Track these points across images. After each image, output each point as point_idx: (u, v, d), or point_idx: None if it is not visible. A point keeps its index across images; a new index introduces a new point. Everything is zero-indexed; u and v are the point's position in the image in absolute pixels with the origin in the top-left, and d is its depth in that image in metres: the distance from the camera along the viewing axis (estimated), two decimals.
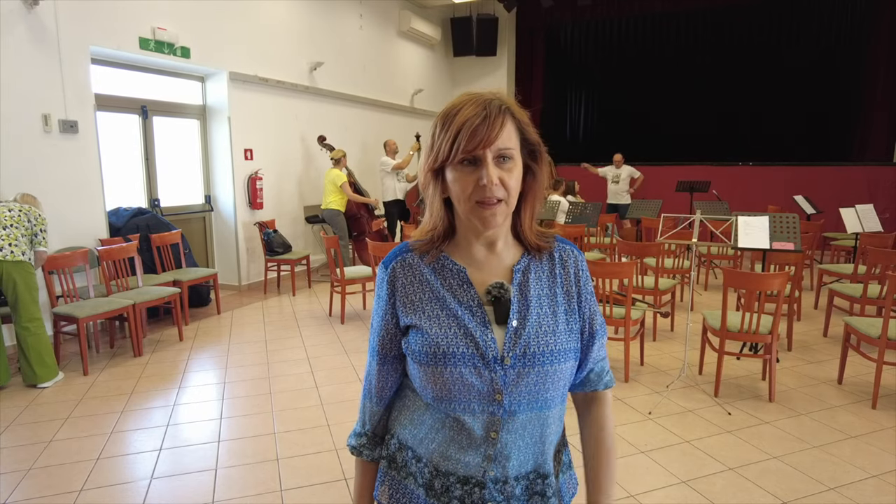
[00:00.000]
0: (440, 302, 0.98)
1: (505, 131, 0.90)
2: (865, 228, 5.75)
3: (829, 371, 4.01)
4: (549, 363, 0.95)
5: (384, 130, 8.99)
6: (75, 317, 3.95)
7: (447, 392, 0.94)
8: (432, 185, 0.97)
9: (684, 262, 5.78)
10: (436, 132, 0.94)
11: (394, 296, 1.01)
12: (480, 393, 0.93)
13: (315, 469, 2.76)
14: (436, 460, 0.97)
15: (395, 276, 1.02)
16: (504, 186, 0.91)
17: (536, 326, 0.96)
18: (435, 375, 0.95)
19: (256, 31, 6.53)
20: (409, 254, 1.03)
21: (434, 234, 1.01)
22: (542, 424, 0.97)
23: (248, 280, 6.72)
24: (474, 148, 0.89)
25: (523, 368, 0.94)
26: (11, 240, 3.70)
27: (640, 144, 10.23)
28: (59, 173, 4.67)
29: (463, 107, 0.91)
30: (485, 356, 0.93)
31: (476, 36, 10.56)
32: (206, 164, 6.57)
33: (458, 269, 1.00)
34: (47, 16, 4.50)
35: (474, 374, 0.93)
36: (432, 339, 0.95)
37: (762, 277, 3.41)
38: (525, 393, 0.94)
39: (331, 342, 4.74)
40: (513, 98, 0.96)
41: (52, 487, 2.61)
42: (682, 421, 3.26)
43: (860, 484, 2.62)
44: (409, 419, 1.03)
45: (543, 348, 0.95)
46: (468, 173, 0.91)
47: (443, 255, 1.01)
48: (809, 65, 9.38)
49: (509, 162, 0.91)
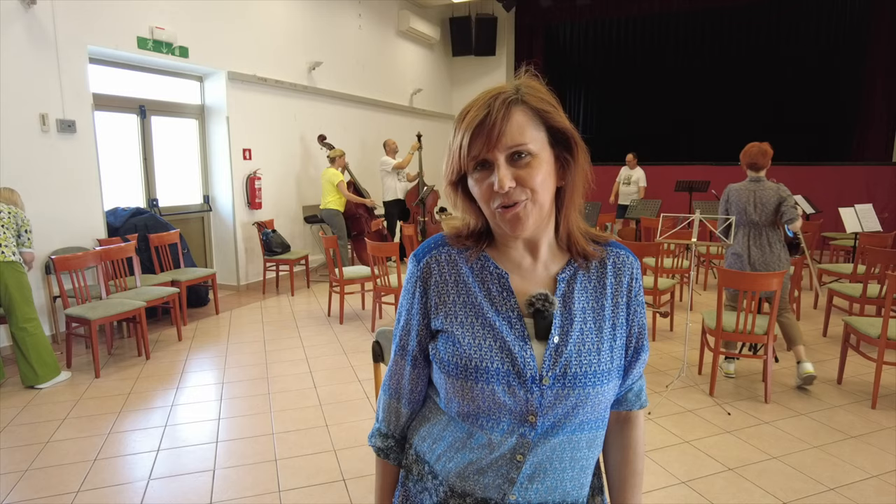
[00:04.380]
0: (476, 308, 0.89)
1: (512, 127, 0.81)
2: (865, 228, 5.75)
3: (828, 371, 4.00)
4: (591, 385, 0.86)
5: (383, 130, 8.98)
6: (87, 318, 3.92)
7: (475, 408, 0.86)
8: (453, 196, 0.90)
9: (683, 262, 5.78)
10: (452, 139, 0.86)
11: (426, 294, 0.93)
12: (512, 413, 0.85)
13: (314, 469, 2.75)
14: (452, 480, 0.90)
15: (429, 272, 0.93)
16: (525, 185, 0.82)
17: (579, 344, 0.88)
18: (464, 389, 0.86)
19: (255, 31, 6.52)
20: (446, 248, 0.93)
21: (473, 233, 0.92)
22: (574, 449, 0.88)
23: (246, 280, 6.71)
24: (479, 152, 0.82)
25: (562, 390, 0.85)
26: (1, 240, 3.68)
27: (640, 144, 10.22)
28: (56, 173, 4.65)
29: (471, 108, 0.84)
30: (521, 374, 0.85)
31: (475, 36, 10.57)
32: (204, 163, 6.56)
33: (499, 274, 0.90)
34: (45, 15, 4.49)
35: (508, 392, 0.85)
36: (464, 350, 0.87)
37: (759, 277, 3.40)
38: (562, 415, 0.86)
39: (329, 342, 4.73)
40: (536, 82, 0.87)
41: (50, 488, 2.60)
42: (682, 421, 3.25)
43: (860, 484, 2.61)
44: (429, 432, 0.95)
45: (585, 368, 0.87)
46: (484, 178, 0.84)
47: (483, 255, 0.92)
48: (809, 64, 9.38)
49: (527, 157, 0.82)
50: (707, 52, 10.05)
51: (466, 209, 0.91)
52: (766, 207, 3.71)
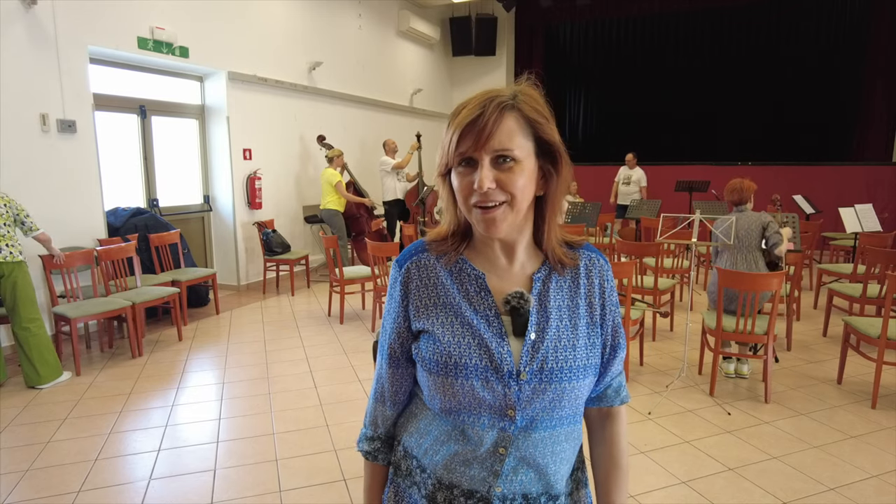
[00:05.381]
0: (455, 308, 0.93)
1: (502, 131, 0.84)
2: (865, 228, 5.75)
3: (828, 371, 4.01)
4: (568, 380, 0.90)
5: (383, 130, 8.98)
6: (68, 317, 3.95)
7: (456, 404, 0.90)
8: (443, 189, 0.93)
9: (683, 262, 5.78)
10: (444, 133, 0.90)
11: (407, 298, 0.97)
12: (491, 407, 0.89)
13: (314, 469, 2.75)
14: (439, 472, 0.93)
15: (410, 276, 0.97)
16: (505, 189, 0.85)
17: (556, 340, 0.91)
18: (444, 386, 0.90)
19: (255, 31, 6.52)
20: (425, 254, 0.97)
21: (451, 236, 0.96)
22: (554, 443, 0.92)
23: (246, 280, 6.71)
24: (466, 150, 0.85)
25: (539, 384, 0.88)
26: (8, 240, 3.68)
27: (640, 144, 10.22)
28: (57, 173, 4.65)
29: (465, 106, 0.87)
30: (499, 370, 0.88)
31: (475, 36, 10.56)
32: (204, 163, 6.56)
33: (476, 275, 0.94)
34: (45, 15, 4.49)
35: (486, 387, 0.88)
36: (444, 348, 0.90)
37: (759, 277, 3.40)
38: (539, 410, 0.89)
39: (330, 342, 4.73)
40: (534, 91, 0.90)
41: (51, 488, 2.60)
42: (682, 421, 3.25)
43: (860, 484, 2.61)
44: (416, 427, 0.99)
45: (562, 364, 0.90)
46: (466, 175, 0.87)
47: (461, 259, 0.96)
48: (809, 64, 9.39)
49: (510, 162, 0.85)
50: (707, 52, 10.05)
51: (449, 202, 0.93)
52: (749, 233, 3.81)
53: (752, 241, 3.80)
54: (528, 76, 0.92)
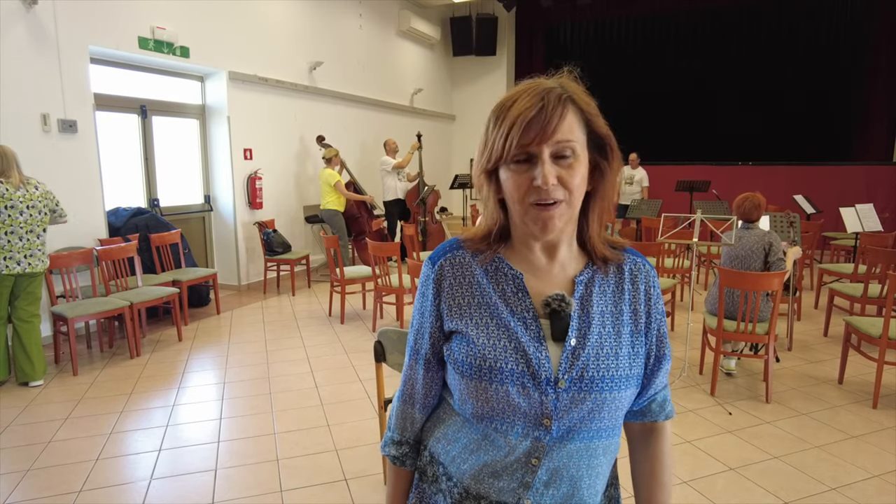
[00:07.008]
0: (490, 309, 0.88)
1: (565, 124, 0.81)
2: (865, 228, 5.75)
3: (829, 371, 4.01)
4: (609, 390, 0.84)
5: (384, 130, 8.98)
6: (65, 316, 3.97)
7: (489, 410, 0.85)
8: (486, 187, 0.88)
9: (684, 262, 5.78)
10: (489, 128, 0.84)
11: (439, 296, 0.92)
12: (526, 415, 0.84)
13: (315, 469, 2.75)
14: (467, 482, 0.89)
15: (443, 274, 0.92)
16: (564, 186, 0.81)
17: (597, 347, 0.86)
18: (478, 390, 0.85)
19: (256, 31, 6.52)
20: (460, 251, 0.93)
21: (489, 236, 0.92)
22: (590, 456, 0.86)
23: (247, 280, 6.72)
24: (528, 143, 0.80)
25: (578, 393, 0.83)
26: (40, 245, 3.76)
27: (640, 144, 10.21)
28: (58, 173, 4.65)
29: (518, 98, 0.81)
30: (536, 376, 0.83)
31: (475, 35, 10.56)
32: (205, 163, 6.56)
33: (513, 275, 0.89)
34: (46, 15, 4.49)
35: (522, 394, 0.83)
36: (478, 350, 0.86)
37: (759, 277, 3.40)
38: (577, 420, 0.84)
39: (330, 342, 4.74)
40: (578, 85, 0.87)
41: (52, 488, 2.60)
42: (683, 421, 3.25)
43: (861, 484, 2.61)
44: (444, 434, 0.94)
45: (603, 373, 0.85)
46: (522, 172, 0.81)
47: (498, 257, 0.91)
48: (809, 64, 9.38)
49: (570, 158, 0.81)
50: (707, 52, 10.04)
51: (491, 200, 0.89)
52: (752, 253, 3.74)
53: (753, 263, 3.73)
54: (570, 69, 0.89)
